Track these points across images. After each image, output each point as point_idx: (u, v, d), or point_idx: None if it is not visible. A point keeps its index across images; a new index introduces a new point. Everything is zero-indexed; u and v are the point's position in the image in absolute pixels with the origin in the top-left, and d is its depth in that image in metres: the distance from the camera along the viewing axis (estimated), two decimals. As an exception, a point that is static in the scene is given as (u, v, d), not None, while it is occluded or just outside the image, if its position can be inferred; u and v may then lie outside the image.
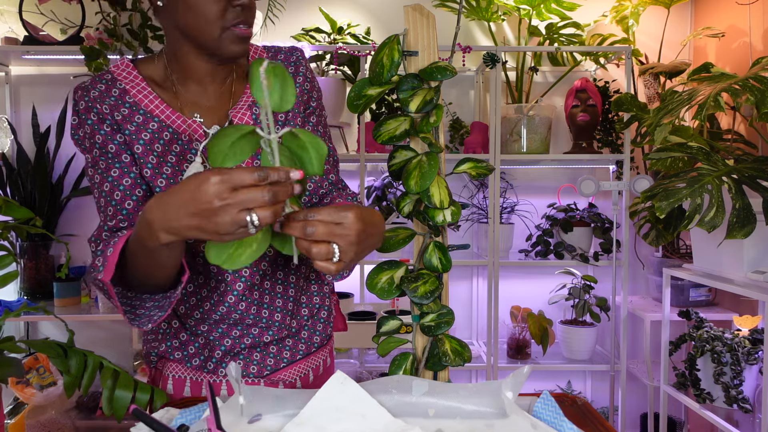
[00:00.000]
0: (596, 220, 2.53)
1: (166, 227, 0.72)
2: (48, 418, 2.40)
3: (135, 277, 0.87)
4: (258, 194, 0.66)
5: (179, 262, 0.84)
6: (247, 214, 0.67)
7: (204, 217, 0.68)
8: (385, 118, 0.88)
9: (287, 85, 0.69)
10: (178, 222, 0.71)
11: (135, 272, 0.86)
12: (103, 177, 0.94)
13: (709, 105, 1.68)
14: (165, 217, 0.72)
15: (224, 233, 0.69)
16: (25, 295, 2.55)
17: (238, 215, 0.67)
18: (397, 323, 0.89)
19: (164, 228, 0.73)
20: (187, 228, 0.71)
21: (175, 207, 0.70)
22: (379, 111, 2.59)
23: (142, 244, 0.79)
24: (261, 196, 0.66)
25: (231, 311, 1.01)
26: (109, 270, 0.82)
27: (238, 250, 0.73)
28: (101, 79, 0.97)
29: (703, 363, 2.02)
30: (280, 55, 1.06)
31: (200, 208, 0.68)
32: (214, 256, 0.73)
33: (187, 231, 0.71)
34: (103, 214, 0.95)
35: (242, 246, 0.73)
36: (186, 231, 0.71)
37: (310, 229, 0.72)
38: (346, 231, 0.74)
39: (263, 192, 0.67)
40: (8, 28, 2.64)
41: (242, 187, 0.67)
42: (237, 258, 0.73)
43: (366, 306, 2.47)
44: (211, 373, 1.03)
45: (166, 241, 0.74)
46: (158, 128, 0.96)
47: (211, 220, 0.68)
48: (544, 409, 0.75)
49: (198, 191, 0.68)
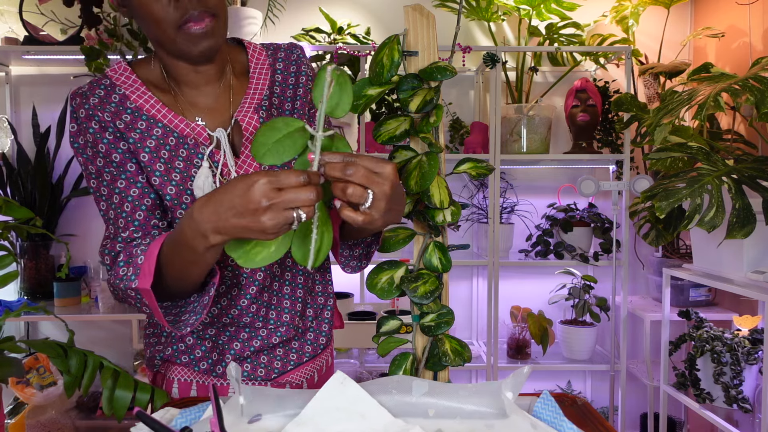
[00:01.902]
0: (596, 220, 2.53)
1: (215, 227, 0.74)
2: (48, 418, 2.40)
3: (166, 283, 0.86)
4: (303, 194, 0.69)
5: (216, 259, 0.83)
6: (293, 211, 0.69)
7: (252, 216, 0.70)
8: (385, 118, 0.88)
9: (345, 95, 0.72)
10: (226, 221, 0.72)
11: (167, 277, 0.85)
12: (111, 189, 0.93)
13: (709, 105, 1.68)
14: (214, 218, 0.73)
15: (270, 232, 0.71)
16: (26, 295, 2.55)
17: (287, 215, 0.69)
18: (397, 323, 0.89)
19: (214, 228, 0.74)
20: (235, 228, 0.72)
21: (225, 208, 0.72)
22: (379, 111, 2.60)
23: (185, 246, 0.79)
24: (306, 196, 0.69)
25: (242, 314, 1.01)
26: (145, 276, 0.82)
27: (255, 248, 0.74)
28: (99, 85, 0.94)
29: (702, 363, 2.02)
30: (280, 52, 1.04)
31: (249, 207, 0.70)
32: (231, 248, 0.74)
33: (235, 231, 0.73)
34: (113, 225, 0.93)
35: (260, 245, 0.74)
36: (234, 231, 0.73)
37: (350, 170, 0.71)
38: (382, 180, 0.73)
39: (308, 191, 0.69)
40: (8, 28, 2.65)
41: (288, 188, 0.69)
42: (253, 257, 0.74)
43: (366, 306, 2.48)
44: (219, 377, 1.02)
45: (215, 242, 0.75)
46: (163, 134, 0.94)
47: (258, 220, 0.70)
48: (544, 409, 0.75)
49: (247, 192, 0.70)
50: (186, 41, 0.88)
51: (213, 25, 0.88)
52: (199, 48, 0.89)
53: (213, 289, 0.87)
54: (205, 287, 0.89)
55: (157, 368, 1.06)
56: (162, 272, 0.85)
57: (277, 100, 1.01)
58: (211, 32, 0.89)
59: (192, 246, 0.78)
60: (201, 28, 0.87)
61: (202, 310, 0.87)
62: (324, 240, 0.75)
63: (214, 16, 0.88)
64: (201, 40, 0.88)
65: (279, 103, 1.02)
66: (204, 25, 0.87)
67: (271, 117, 0.99)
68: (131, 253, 0.87)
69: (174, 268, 0.84)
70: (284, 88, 1.02)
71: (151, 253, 0.83)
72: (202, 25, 0.87)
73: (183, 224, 0.78)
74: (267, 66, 1.02)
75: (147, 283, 0.82)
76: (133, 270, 0.84)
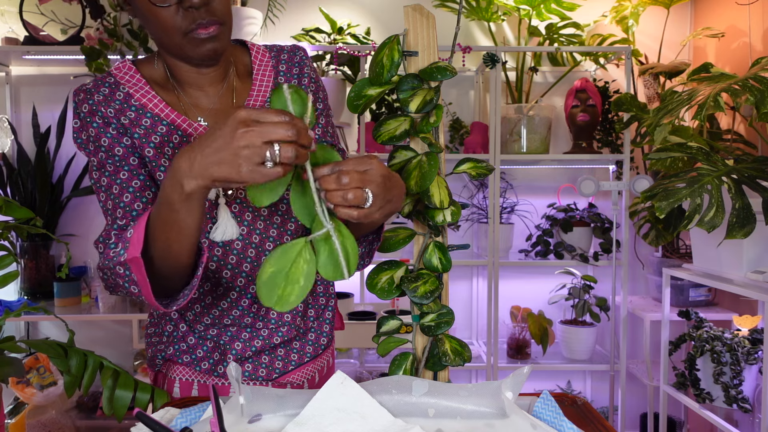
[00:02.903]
0: (596, 220, 2.53)
1: (190, 169, 0.73)
2: (48, 418, 2.40)
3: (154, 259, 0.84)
4: (281, 128, 0.69)
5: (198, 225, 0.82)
6: (269, 147, 0.69)
7: (228, 142, 0.70)
8: (385, 118, 0.88)
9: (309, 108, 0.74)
10: (203, 160, 0.72)
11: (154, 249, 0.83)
12: (112, 179, 0.93)
13: (708, 105, 1.68)
14: (189, 161, 0.73)
15: (242, 161, 0.70)
16: (26, 295, 2.55)
17: (261, 146, 0.69)
18: (397, 323, 0.89)
19: (190, 173, 0.73)
20: (210, 164, 0.72)
21: (202, 147, 0.72)
22: (379, 111, 2.60)
23: (164, 201, 0.78)
24: (284, 130, 0.69)
25: (244, 315, 1.01)
26: (134, 245, 0.81)
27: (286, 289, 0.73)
28: (104, 82, 0.95)
29: (702, 363, 2.02)
30: (283, 54, 1.04)
31: (225, 139, 0.70)
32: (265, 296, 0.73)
33: (211, 167, 0.72)
34: (111, 216, 0.93)
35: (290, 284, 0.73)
36: (210, 168, 0.72)
37: (345, 179, 0.73)
38: (373, 176, 0.76)
39: (286, 127, 0.69)
40: (9, 28, 2.65)
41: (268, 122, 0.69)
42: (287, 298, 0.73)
43: (366, 306, 2.48)
44: (221, 377, 1.02)
45: (189, 189, 0.74)
46: (167, 131, 0.94)
47: (233, 151, 0.70)
48: (544, 409, 0.75)
49: (224, 124, 0.71)
50: (191, 45, 0.89)
51: (219, 30, 0.90)
52: (203, 51, 0.90)
53: (200, 269, 0.85)
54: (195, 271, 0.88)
55: (159, 368, 1.06)
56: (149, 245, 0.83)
57: None
58: (216, 36, 0.90)
59: (170, 200, 0.77)
60: (208, 32, 0.88)
61: (189, 291, 0.86)
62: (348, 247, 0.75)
63: (221, 23, 0.89)
64: (206, 43, 0.89)
65: None
66: (210, 30, 0.88)
67: None
68: (122, 235, 0.87)
69: (157, 236, 0.82)
70: None
71: (139, 224, 0.82)
72: (209, 30, 0.88)
73: (165, 178, 0.78)
74: (270, 68, 1.03)
75: (136, 251, 0.80)
76: (122, 245, 0.83)
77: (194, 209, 0.79)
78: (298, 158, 0.71)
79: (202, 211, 0.80)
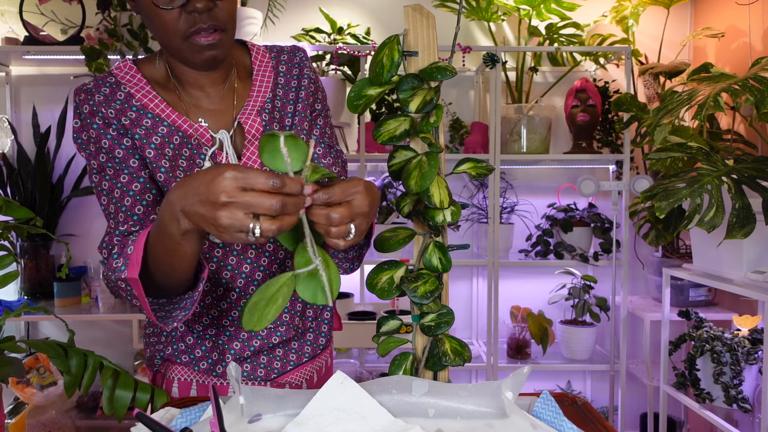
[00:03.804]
0: (596, 220, 2.53)
1: (183, 209, 0.72)
2: (48, 418, 2.40)
3: (156, 275, 0.85)
4: (266, 200, 0.65)
5: (198, 251, 0.81)
6: (251, 220, 0.66)
7: (210, 207, 0.67)
8: (385, 118, 0.88)
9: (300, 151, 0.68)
10: (191, 206, 0.70)
11: (156, 268, 0.83)
12: (113, 183, 0.92)
13: (708, 105, 1.68)
14: (182, 201, 0.71)
15: (223, 230, 0.67)
16: (26, 295, 2.55)
17: (243, 219, 0.66)
18: (397, 323, 0.89)
19: (182, 211, 0.72)
20: (195, 215, 0.70)
21: (192, 192, 0.70)
22: (379, 111, 2.60)
23: (164, 230, 0.77)
24: (269, 203, 0.65)
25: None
26: (133, 266, 0.81)
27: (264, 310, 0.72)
28: (105, 82, 0.95)
29: (702, 363, 2.02)
30: (283, 54, 1.04)
31: (209, 198, 0.67)
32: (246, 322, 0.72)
33: (196, 218, 0.70)
34: (113, 220, 0.93)
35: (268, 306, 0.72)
36: (195, 218, 0.70)
37: (335, 216, 0.71)
38: (360, 207, 0.73)
39: (273, 200, 0.65)
40: (9, 28, 2.65)
41: (253, 190, 0.65)
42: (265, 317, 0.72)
43: (366, 306, 2.48)
44: (219, 377, 1.03)
45: (185, 227, 0.73)
46: (168, 132, 0.94)
47: (214, 213, 0.67)
48: (544, 409, 0.75)
49: (211, 182, 0.67)
50: (191, 51, 0.89)
51: (220, 38, 0.89)
52: (203, 57, 0.90)
53: (201, 285, 0.85)
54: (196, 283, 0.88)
55: (157, 368, 1.06)
56: (150, 264, 0.84)
57: (279, 102, 1.02)
58: (217, 44, 0.89)
59: (169, 231, 0.76)
60: (208, 40, 0.88)
61: (190, 306, 0.86)
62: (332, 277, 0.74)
63: (223, 30, 0.89)
64: (206, 50, 0.89)
65: (281, 105, 1.02)
66: (211, 38, 0.88)
67: (273, 120, 1.00)
68: (125, 244, 0.87)
69: (159, 259, 0.82)
70: (287, 91, 1.03)
71: (138, 243, 0.82)
72: (210, 38, 0.88)
73: (161, 208, 0.77)
74: (270, 69, 1.03)
75: (134, 273, 0.81)
76: (124, 260, 0.83)
77: (194, 241, 0.79)
78: (283, 228, 0.67)
79: (201, 240, 0.80)
